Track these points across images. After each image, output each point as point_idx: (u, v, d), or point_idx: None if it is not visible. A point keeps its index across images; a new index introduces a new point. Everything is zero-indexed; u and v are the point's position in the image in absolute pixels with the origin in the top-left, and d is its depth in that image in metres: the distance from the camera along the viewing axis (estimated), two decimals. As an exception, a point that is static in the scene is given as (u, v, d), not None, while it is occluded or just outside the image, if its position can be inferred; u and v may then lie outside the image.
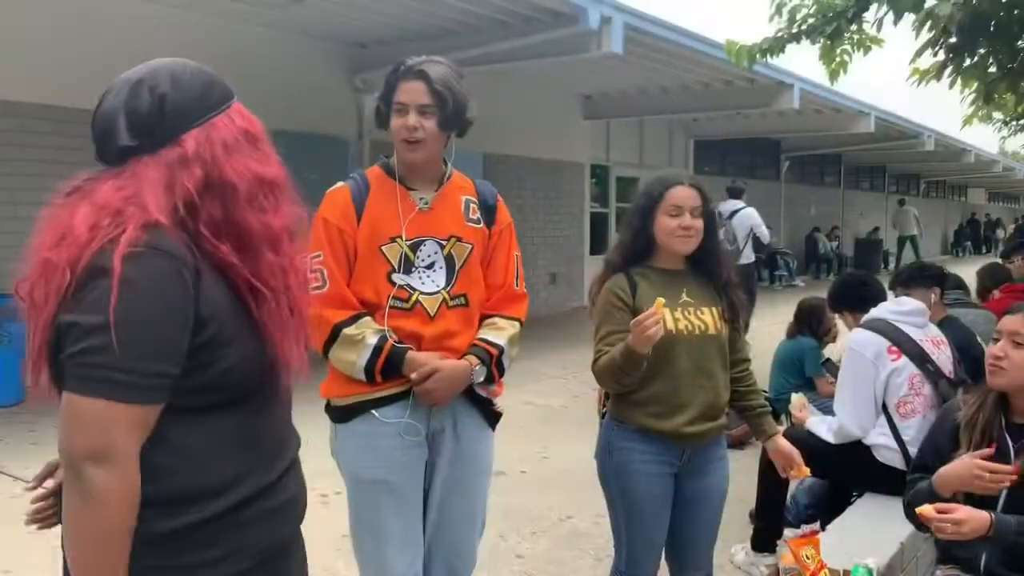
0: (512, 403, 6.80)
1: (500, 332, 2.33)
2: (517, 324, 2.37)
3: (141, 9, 7.33)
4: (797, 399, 3.89)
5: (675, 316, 2.41)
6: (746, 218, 9.40)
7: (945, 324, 3.86)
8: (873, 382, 3.34)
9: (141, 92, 1.32)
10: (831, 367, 5.07)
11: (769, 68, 10.65)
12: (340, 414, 2.27)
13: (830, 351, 5.45)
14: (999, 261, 6.60)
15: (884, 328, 3.41)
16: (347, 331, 2.16)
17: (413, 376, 2.17)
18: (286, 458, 1.44)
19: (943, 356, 3.42)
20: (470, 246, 2.31)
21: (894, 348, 3.34)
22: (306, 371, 1.45)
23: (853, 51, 5.86)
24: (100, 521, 1.20)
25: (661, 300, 2.24)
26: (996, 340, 2.35)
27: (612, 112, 13.43)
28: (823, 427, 3.53)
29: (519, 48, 8.46)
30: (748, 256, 9.32)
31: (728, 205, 9.56)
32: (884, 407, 3.35)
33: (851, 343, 3.47)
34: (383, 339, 2.17)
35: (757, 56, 6.02)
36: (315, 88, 8.45)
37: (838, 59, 5.83)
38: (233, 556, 1.31)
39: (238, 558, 1.31)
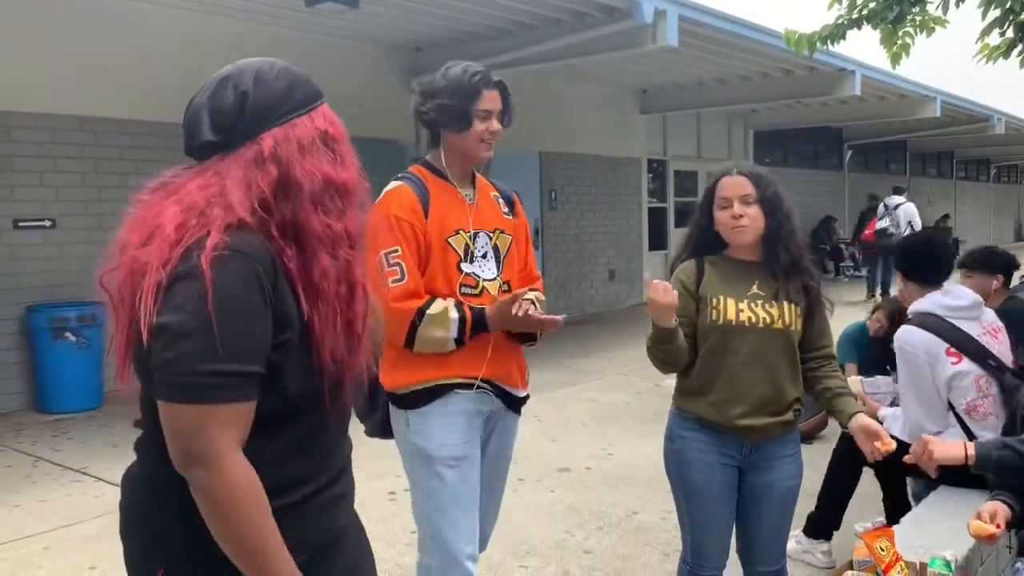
0: (575, 400, 6.85)
1: (531, 294, 2.46)
2: (539, 293, 2.55)
3: (228, 27, 7.55)
4: (851, 384, 3.79)
5: (739, 307, 2.39)
6: (905, 211, 12.93)
7: (1005, 307, 3.74)
8: (933, 381, 3.21)
9: (225, 89, 1.36)
10: None
11: (829, 55, 10.41)
12: (413, 399, 2.38)
13: None
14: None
15: (939, 327, 3.22)
16: (429, 311, 2.30)
17: (514, 308, 2.29)
18: (341, 463, 1.47)
19: (1003, 347, 3.27)
20: (510, 237, 2.53)
21: (953, 350, 3.18)
22: (363, 378, 1.45)
23: (916, 33, 5.70)
24: (221, 517, 1.23)
25: (646, 275, 2.30)
26: None
27: (669, 106, 13.30)
28: (896, 425, 3.42)
29: (573, 45, 8.46)
30: None
31: (894, 200, 13.24)
32: (952, 409, 3.22)
33: (902, 341, 3.28)
34: (460, 306, 2.34)
35: (817, 44, 5.89)
36: (373, 93, 8.56)
37: (900, 42, 5.68)
38: (293, 550, 1.33)
39: (297, 551, 1.33)
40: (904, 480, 3.66)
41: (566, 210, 12.05)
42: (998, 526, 2.18)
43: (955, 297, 3.32)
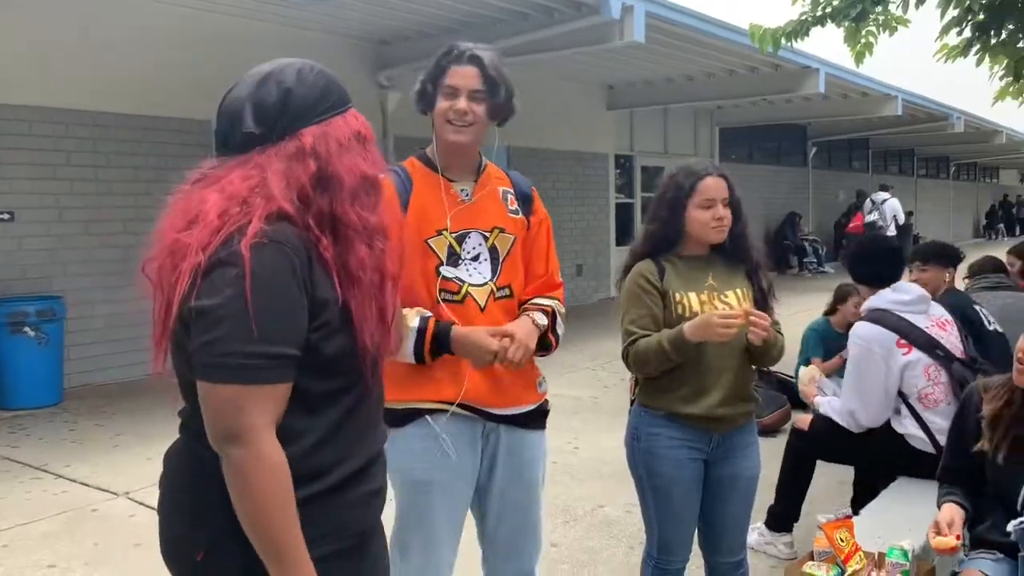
0: (541, 394, 6.86)
1: (551, 301, 2.34)
2: (558, 302, 2.37)
3: (193, 18, 7.43)
4: (805, 372, 3.87)
5: (701, 299, 2.44)
6: (891, 207, 14.55)
7: (947, 297, 3.85)
8: (884, 376, 3.30)
9: (268, 84, 1.42)
10: None
11: (794, 53, 10.55)
12: (393, 418, 2.19)
13: None
14: (1033, 241, 6.50)
15: (889, 321, 3.35)
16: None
17: (493, 346, 2.12)
18: (375, 448, 1.52)
19: (951, 337, 3.38)
20: (513, 237, 2.30)
21: (903, 341, 3.30)
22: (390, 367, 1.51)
23: (879, 32, 5.79)
24: (251, 495, 1.28)
25: (747, 307, 2.32)
26: None
27: (636, 102, 13.38)
28: (830, 410, 3.53)
29: (541, 40, 8.46)
30: (892, 232, 13.81)
31: (880, 195, 15.07)
32: (905, 399, 3.33)
33: (856, 337, 3.40)
34: (425, 319, 2.16)
35: (782, 40, 5.97)
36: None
37: (863, 41, 5.77)
38: (331, 536, 1.39)
39: (335, 538, 1.40)
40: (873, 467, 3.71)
41: (535, 205, 12.02)
42: (958, 537, 2.23)
43: (903, 292, 3.44)
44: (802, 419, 3.78)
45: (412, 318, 2.16)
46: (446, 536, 2.27)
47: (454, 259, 2.23)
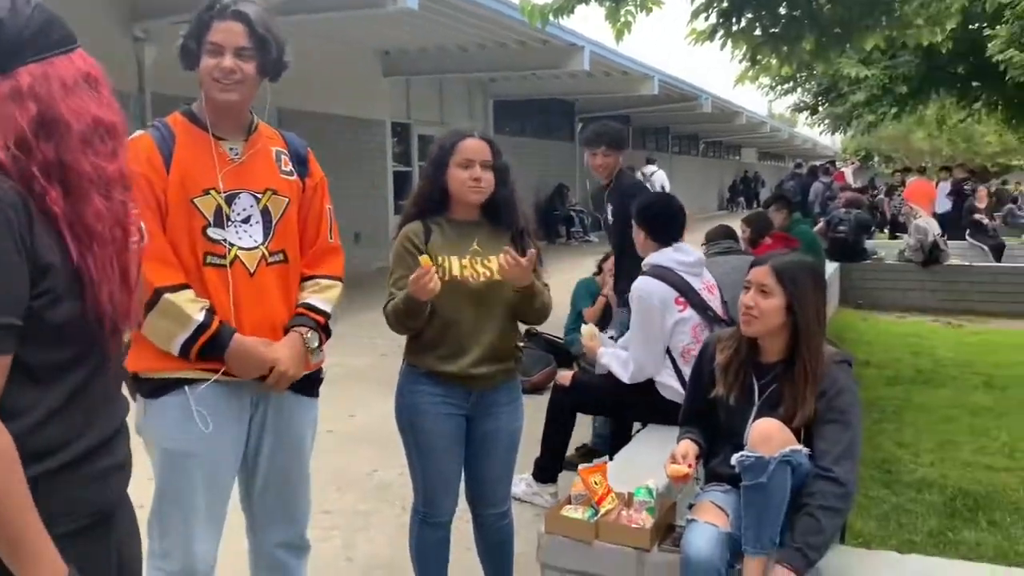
0: (316, 364, 6.75)
1: (326, 297, 2.31)
2: (339, 284, 2.36)
3: None
4: (587, 329, 4.08)
5: (462, 263, 2.51)
6: (659, 178, 16.13)
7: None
8: (660, 328, 3.58)
9: None
10: None
11: (561, 30, 10.99)
12: (151, 388, 2.13)
13: None
14: (763, 211, 7.27)
15: (671, 278, 3.61)
16: (170, 297, 2.02)
17: (268, 366, 2.13)
18: (116, 421, 1.42)
19: (715, 300, 3.73)
20: (286, 199, 2.22)
21: (681, 299, 3.58)
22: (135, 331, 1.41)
23: (636, 12, 6.15)
24: None
25: (426, 258, 2.37)
26: (747, 289, 2.47)
27: (412, 70, 13.36)
28: (616, 363, 3.73)
29: (312, 1, 8.20)
30: None
31: (649, 168, 16.74)
32: (669, 352, 3.61)
33: (638, 290, 3.64)
34: (210, 315, 2.05)
35: (549, 16, 6.19)
36: (89, 39, 7.77)
37: (623, 19, 6.11)
38: (66, 515, 1.28)
39: (67, 519, 1.28)
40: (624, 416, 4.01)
41: (308, 171, 11.71)
42: (690, 465, 2.46)
43: (685, 253, 3.72)
44: (564, 375, 4.00)
45: (194, 310, 2.04)
46: (207, 510, 2.19)
47: (222, 220, 2.12)
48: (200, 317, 2.04)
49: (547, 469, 3.90)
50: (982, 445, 4.76)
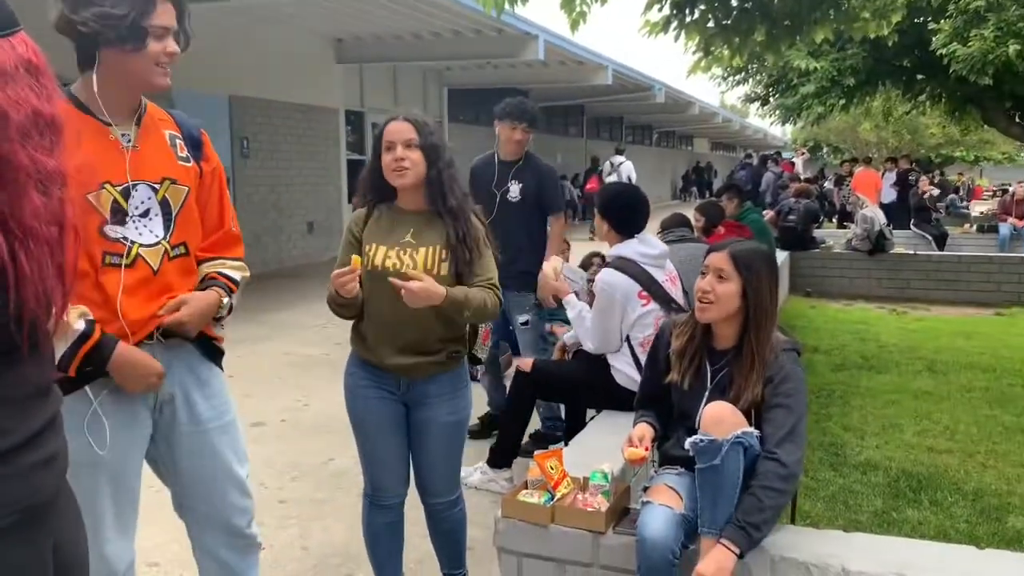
0: (271, 354, 6.70)
1: (236, 268, 2.22)
2: (246, 268, 2.26)
3: None
4: (549, 266, 3.95)
5: (387, 254, 2.48)
6: (626, 168, 16.53)
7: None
8: (620, 320, 3.62)
9: None
10: None
11: (516, 19, 10.98)
12: None
13: None
14: (715, 200, 7.38)
15: (635, 272, 3.63)
16: None
17: (162, 311, 2.00)
18: (46, 413, 1.35)
19: (677, 291, 3.77)
20: (186, 188, 2.08)
21: (644, 293, 3.61)
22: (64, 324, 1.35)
23: (591, 2, 6.17)
24: None
25: (357, 258, 2.38)
26: (704, 275, 2.51)
27: (365, 57, 13.21)
28: (582, 327, 3.75)
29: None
30: None
31: (617, 159, 17.05)
32: (629, 340, 3.65)
33: (602, 282, 3.65)
34: (91, 324, 1.88)
35: (504, 4, 6.18)
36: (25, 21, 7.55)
37: (578, 9, 6.12)
38: None
39: None
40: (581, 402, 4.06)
41: (259, 158, 11.55)
42: (646, 448, 2.51)
43: (649, 246, 3.74)
44: (524, 361, 4.03)
45: (73, 318, 1.86)
46: (116, 516, 2.06)
47: (120, 216, 1.95)
48: (80, 326, 1.87)
49: (502, 454, 3.92)
50: (924, 428, 4.91)
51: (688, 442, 2.32)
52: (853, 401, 5.47)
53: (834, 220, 16.62)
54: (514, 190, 4.41)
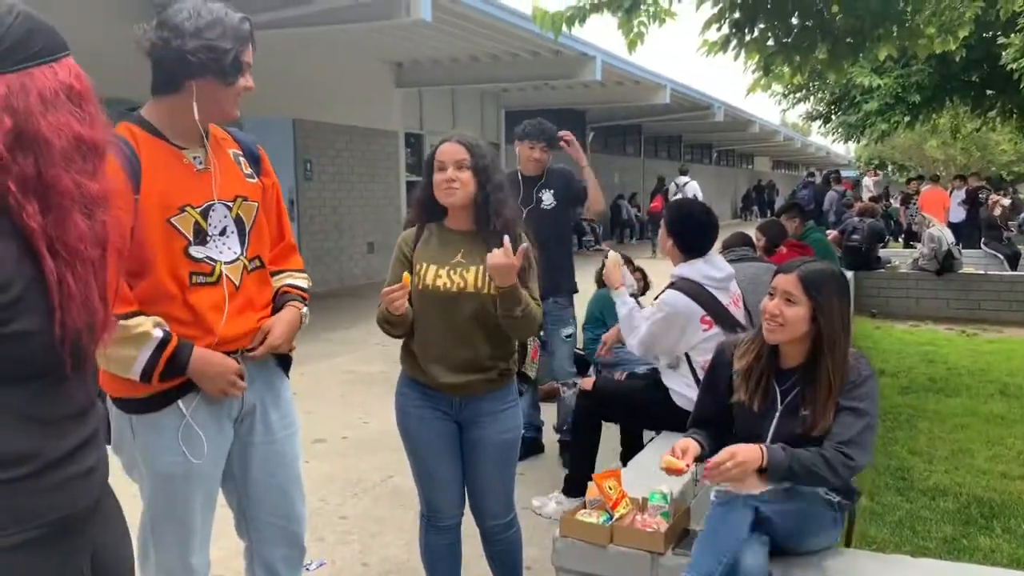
0: (332, 372, 6.81)
1: (302, 279, 2.34)
2: (308, 276, 2.39)
3: None
4: (612, 257, 3.94)
5: (438, 273, 2.51)
6: (692, 188, 16.69)
7: None
8: (674, 340, 3.58)
9: None
10: None
11: (573, 40, 11.05)
12: (137, 406, 2.06)
13: None
14: (777, 219, 7.28)
15: (700, 296, 3.57)
16: (123, 323, 1.90)
17: (252, 342, 2.11)
18: (84, 430, 1.38)
19: (740, 312, 3.73)
20: (256, 204, 2.17)
21: (708, 318, 3.55)
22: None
23: (649, 22, 6.19)
24: None
25: (407, 275, 2.40)
26: (772, 296, 2.46)
27: (424, 80, 13.44)
28: (629, 324, 3.70)
29: (327, 12, 8.30)
30: None
31: (682, 179, 17.27)
32: (690, 361, 3.60)
33: (665, 303, 3.59)
34: (168, 332, 1.96)
35: (563, 26, 6.23)
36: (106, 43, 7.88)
37: (635, 30, 6.14)
38: (19, 525, 1.25)
39: (26, 527, 1.26)
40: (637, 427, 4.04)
41: (322, 181, 11.81)
42: (688, 465, 2.44)
43: (716, 269, 3.68)
44: (586, 380, 4.02)
45: (150, 327, 1.93)
46: (203, 525, 2.17)
47: (202, 237, 2.03)
48: (158, 334, 1.95)
49: (576, 482, 3.88)
50: (997, 453, 4.74)
51: (713, 492, 2.33)
52: (920, 425, 5.32)
53: (900, 239, 16.22)
54: (547, 198, 4.62)
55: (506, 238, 2.37)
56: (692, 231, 3.73)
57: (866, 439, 2.34)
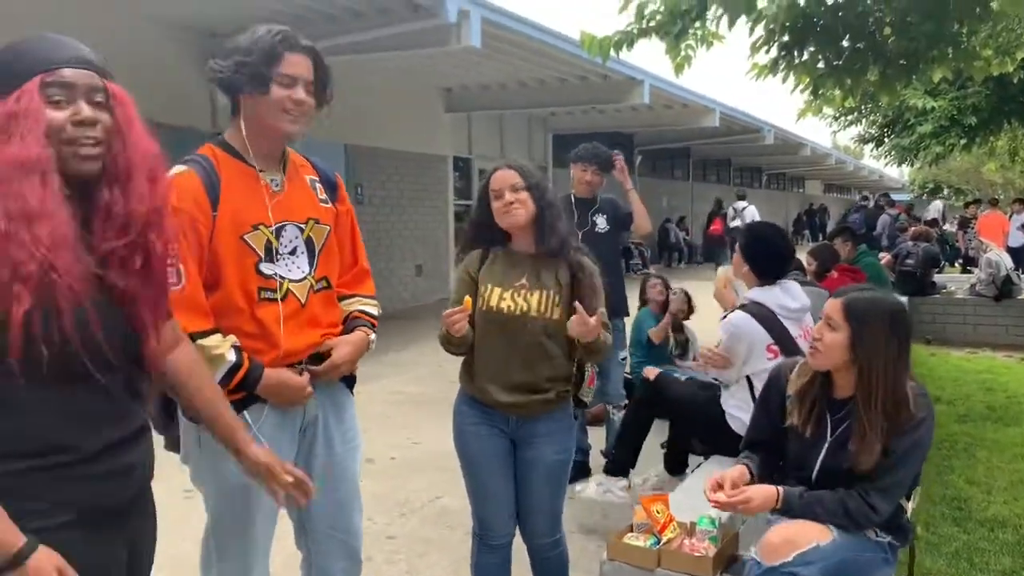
0: (383, 393, 6.88)
1: (373, 306, 2.40)
2: (378, 303, 2.45)
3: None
4: (723, 271, 4.02)
5: (502, 295, 2.56)
6: (750, 212, 16.80)
7: None
8: (740, 363, 3.56)
9: None
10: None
11: (621, 64, 11.08)
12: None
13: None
14: (828, 243, 7.19)
15: (771, 323, 3.52)
16: (203, 342, 1.99)
17: (305, 383, 2.17)
18: (125, 431, 1.49)
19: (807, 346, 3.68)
20: (328, 228, 2.25)
21: (775, 347, 3.50)
22: (163, 350, 1.56)
23: (697, 46, 6.19)
24: None
25: (468, 299, 2.47)
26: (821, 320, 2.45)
27: (473, 105, 13.59)
28: (729, 328, 3.64)
29: (378, 39, 8.45)
30: None
31: (740, 204, 17.42)
32: (751, 384, 3.56)
33: (732, 325, 3.57)
34: (240, 353, 2.05)
35: (611, 51, 6.27)
36: (167, 78, 8.13)
37: (683, 53, 6.15)
38: (60, 508, 1.38)
39: (67, 511, 1.39)
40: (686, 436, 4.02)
41: (373, 204, 11.98)
42: (728, 499, 2.37)
43: (791, 299, 3.63)
44: (650, 369, 4.03)
45: (226, 349, 2.02)
46: (263, 538, 2.24)
47: (271, 254, 2.12)
48: (232, 357, 2.04)
49: (619, 463, 3.89)
50: (1059, 484, 4.59)
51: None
52: (978, 454, 5.18)
53: (957, 264, 15.86)
54: (601, 222, 4.76)
55: (578, 304, 2.41)
56: (767, 255, 3.69)
57: (896, 491, 2.33)
